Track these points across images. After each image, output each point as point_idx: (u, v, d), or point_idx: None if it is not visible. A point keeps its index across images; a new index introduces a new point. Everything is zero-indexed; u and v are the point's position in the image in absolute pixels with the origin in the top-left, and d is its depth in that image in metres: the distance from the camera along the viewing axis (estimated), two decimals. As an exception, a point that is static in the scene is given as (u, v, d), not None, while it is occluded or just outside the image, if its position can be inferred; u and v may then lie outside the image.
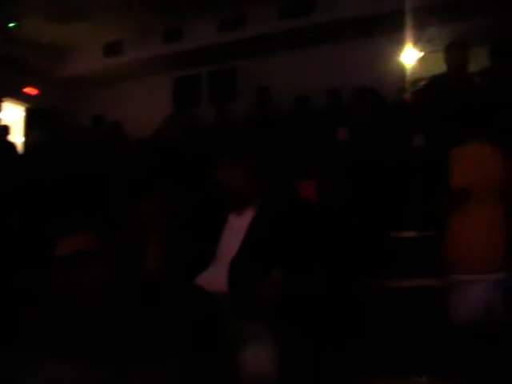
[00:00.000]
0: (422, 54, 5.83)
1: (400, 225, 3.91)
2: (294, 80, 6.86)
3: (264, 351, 2.12)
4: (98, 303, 1.40)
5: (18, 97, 8.62)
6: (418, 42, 4.16)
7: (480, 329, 2.66)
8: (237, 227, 2.40)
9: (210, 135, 6.19)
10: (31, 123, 8.53)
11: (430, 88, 4.26)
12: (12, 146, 6.98)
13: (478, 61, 4.42)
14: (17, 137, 7.98)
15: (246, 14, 7.26)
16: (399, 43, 5.60)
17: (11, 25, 7.29)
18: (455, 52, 4.00)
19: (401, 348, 2.96)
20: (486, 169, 2.85)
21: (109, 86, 8.57)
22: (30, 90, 8.64)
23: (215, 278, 2.28)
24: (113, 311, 1.40)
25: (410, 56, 5.69)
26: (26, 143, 7.86)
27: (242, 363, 1.93)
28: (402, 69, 5.94)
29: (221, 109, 7.09)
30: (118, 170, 3.78)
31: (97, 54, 8.35)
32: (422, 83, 4.64)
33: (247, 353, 2.07)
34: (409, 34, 5.17)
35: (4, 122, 7.52)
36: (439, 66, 4.28)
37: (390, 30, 5.69)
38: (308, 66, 7.07)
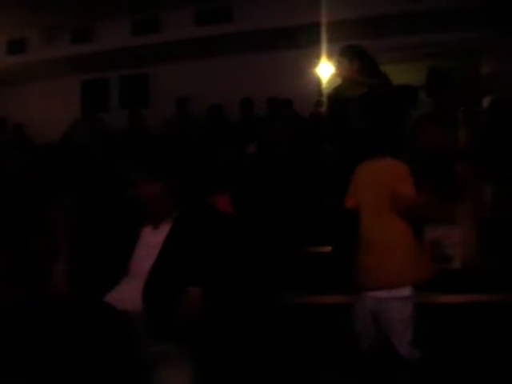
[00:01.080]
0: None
1: (319, 240, 3.93)
2: (210, 88, 6.80)
3: (180, 372, 2.06)
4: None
5: None
6: (333, 55, 4.18)
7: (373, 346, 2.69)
8: (152, 242, 2.33)
9: (121, 142, 5.99)
10: None
11: (328, 101, 4.24)
12: None
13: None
14: None
15: (160, 17, 7.12)
16: (317, 56, 5.69)
17: None
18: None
19: (309, 367, 2.91)
20: (380, 186, 2.77)
21: (12, 86, 8.09)
22: None
23: (128, 295, 2.18)
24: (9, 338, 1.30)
25: (325, 69, 5.80)
26: None
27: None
28: (318, 82, 6.05)
29: (133, 115, 6.90)
30: (22, 178, 3.54)
31: (-1, 50, 7.87)
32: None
33: (163, 374, 2.01)
34: (325, 47, 5.26)
35: None
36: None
37: (308, 42, 5.78)
38: (224, 74, 7.04)
